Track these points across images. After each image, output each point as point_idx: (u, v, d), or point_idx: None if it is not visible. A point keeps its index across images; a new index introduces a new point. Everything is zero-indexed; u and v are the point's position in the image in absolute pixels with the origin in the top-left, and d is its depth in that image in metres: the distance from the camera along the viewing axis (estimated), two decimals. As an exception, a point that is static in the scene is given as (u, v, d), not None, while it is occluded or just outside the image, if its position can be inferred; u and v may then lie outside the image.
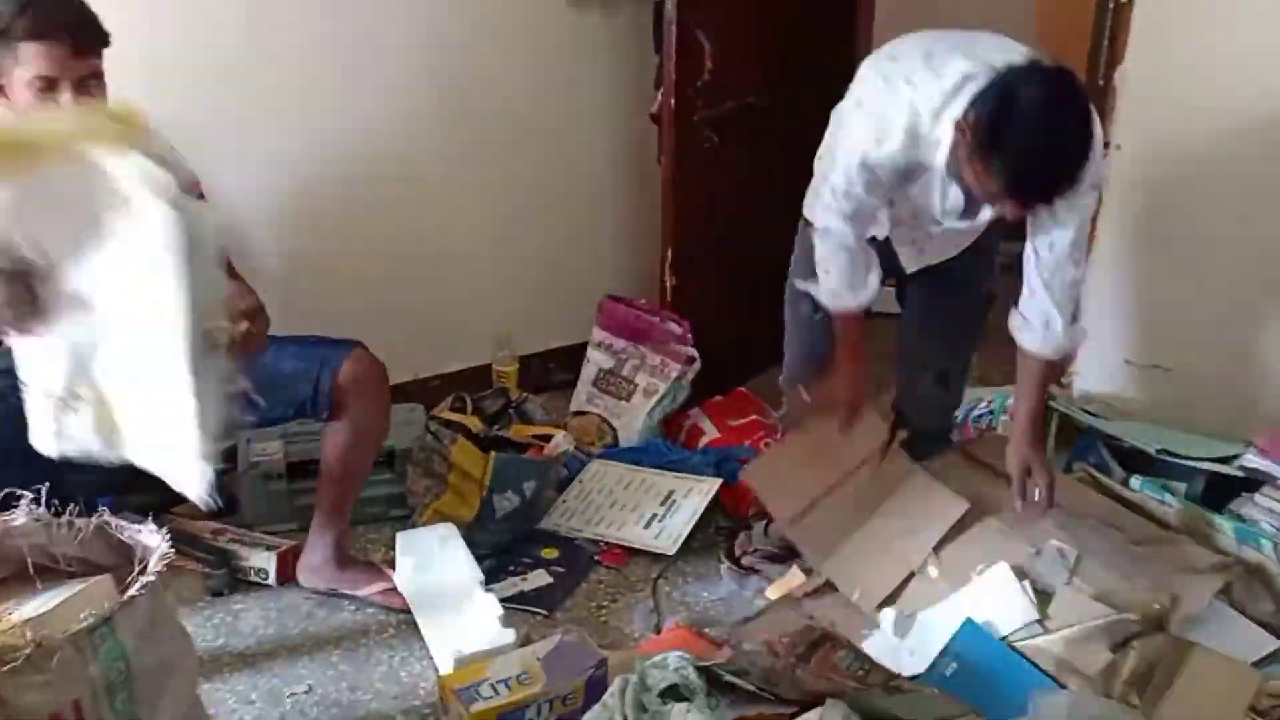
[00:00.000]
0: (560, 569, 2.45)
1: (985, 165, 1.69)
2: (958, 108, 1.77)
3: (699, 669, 1.76)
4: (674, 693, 1.72)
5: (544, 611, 2.33)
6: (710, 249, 3.05)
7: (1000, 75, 1.70)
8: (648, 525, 2.55)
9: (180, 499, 2.14)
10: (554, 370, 3.24)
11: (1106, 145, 2.81)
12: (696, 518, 2.53)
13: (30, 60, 1.72)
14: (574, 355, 3.17)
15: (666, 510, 2.58)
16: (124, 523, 1.67)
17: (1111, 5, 2.87)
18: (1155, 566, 2.07)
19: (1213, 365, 2.72)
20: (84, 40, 1.76)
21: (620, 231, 3.28)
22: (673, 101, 2.87)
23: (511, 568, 2.43)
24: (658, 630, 2.28)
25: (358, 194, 2.83)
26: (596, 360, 3.04)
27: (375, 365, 2.16)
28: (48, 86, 1.74)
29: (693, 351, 2.92)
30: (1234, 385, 2.67)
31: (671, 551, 2.47)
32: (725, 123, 2.95)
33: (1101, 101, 2.84)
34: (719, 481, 2.60)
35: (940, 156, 1.83)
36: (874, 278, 2.07)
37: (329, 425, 2.15)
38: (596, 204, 3.23)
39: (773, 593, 2.34)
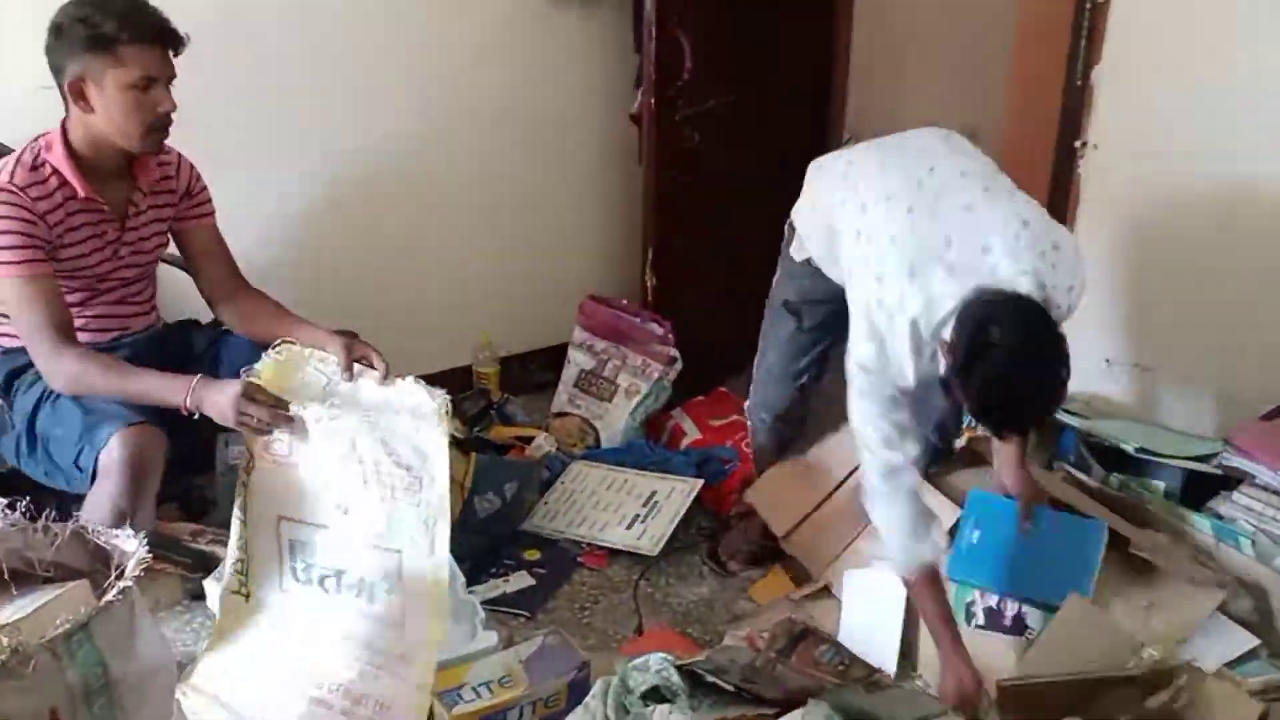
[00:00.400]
0: (542, 570, 2.45)
1: (963, 393, 1.74)
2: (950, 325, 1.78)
3: (680, 670, 1.76)
4: (656, 694, 1.72)
5: (526, 613, 2.33)
6: (691, 249, 3.05)
7: (973, 307, 1.72)
8: (630, 526, 2.55)
9: (158, 501, 2.16)
10: (535, 371, 3.23)
11: (1083, 145, 2.83)
12: (678, 519, 2.53)
13: (134, 62, 1.86)
14: (555, 356, 3.16)
15: (649, 511, 2.58)
16: (100, 528, 1.66)
17: (1089, 5, 2.88)
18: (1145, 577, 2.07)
19: (1191, 364, 2.73)
20: (177, 43, 1.92)
21: (601, 232, 3.28)
22: (653, 101, 2.88)
23: (493, 569, 2.42)
24: (640, 631, 2.28)
25: (335, 196, 2.82)
26: (578, 361, 3.04)
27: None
28: (147, 86, 1.88)
29: (674, 352, 2.92)
30: (1212, 384, 2.68)
31: (654, 553, 2.48)
32: (706, 122, 2.95)
33: (1080, 101, 2.86)
34: (700, 482, 2.61)
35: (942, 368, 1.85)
36: (937, 525, 1.96)
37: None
38: (577, 205, 3.23)
39: (760, 596, 2.35)
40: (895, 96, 4.73)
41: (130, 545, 1.60)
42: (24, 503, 1.63)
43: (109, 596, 1.48)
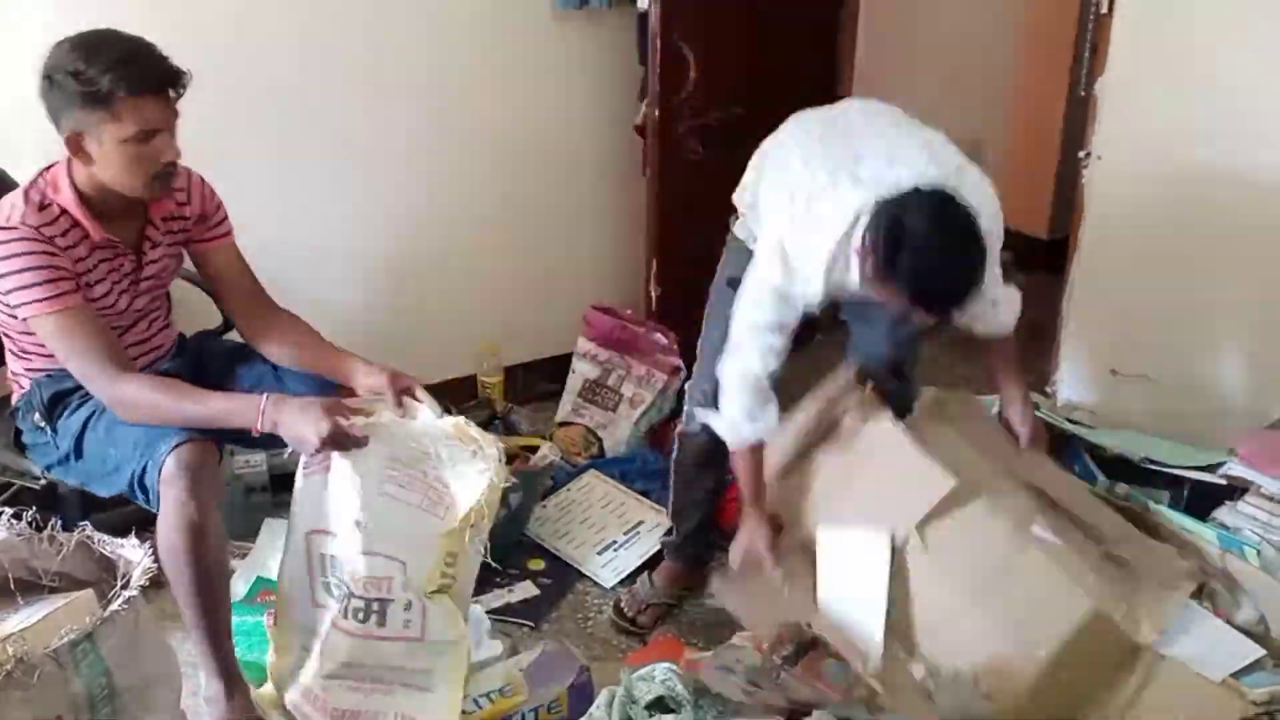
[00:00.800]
0: (547, 580, 2.46)
1: (889, 287, 1.79)
2: (857, 235, 1.85)
3: (685, 680, 1.76)
4: (660, 704, 1.72)
5: (530, 623, 2.33)
6: (695, 259, 3.05)
7: (885, 205, 1.79)
8: (602, 552, 2.55)
9: (152, 517, 2.15)
10: (539, 381, 3.24)
11: (1087, 155, 2.83)
12: (644, 560, 2.51)
13: (132, 116, 1.75)
14: (559, 366, 3.17)
15: (627, 539, 2.58)
16: (106, 537, 1.66)
17: (1092, 17, 2.89)
18: (1123, 572, 2.07)
19: (1197, 374, 2.73)
20: (178, 88, 1.81)
21: (606, 242, 3.28)
22: (657, 113, 2.88)
23: (498, 579, 2.42)
24: (644, 641, 2.28)
25: (340, 209, 2.83)
26: (582, 371, 3.04)
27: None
28: (146, 138, 1.78)
29: (678, 361, 2.92)
30: (1218, 394, 2.68)
31: (609, 585, 2.47)
32: (710, 134, 2.95)
33: (1084, 112, 2.87)
34: None
35: (854, 280, 1.89)
36: (773, 409, 2.03)
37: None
38: (582, 215, 3.23)
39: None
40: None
41: (135, 555, 1.61)
42: (30, 513, 1.64)
43: (114, 606, 1.49)
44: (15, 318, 1.87)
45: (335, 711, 1.89)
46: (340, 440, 1.79)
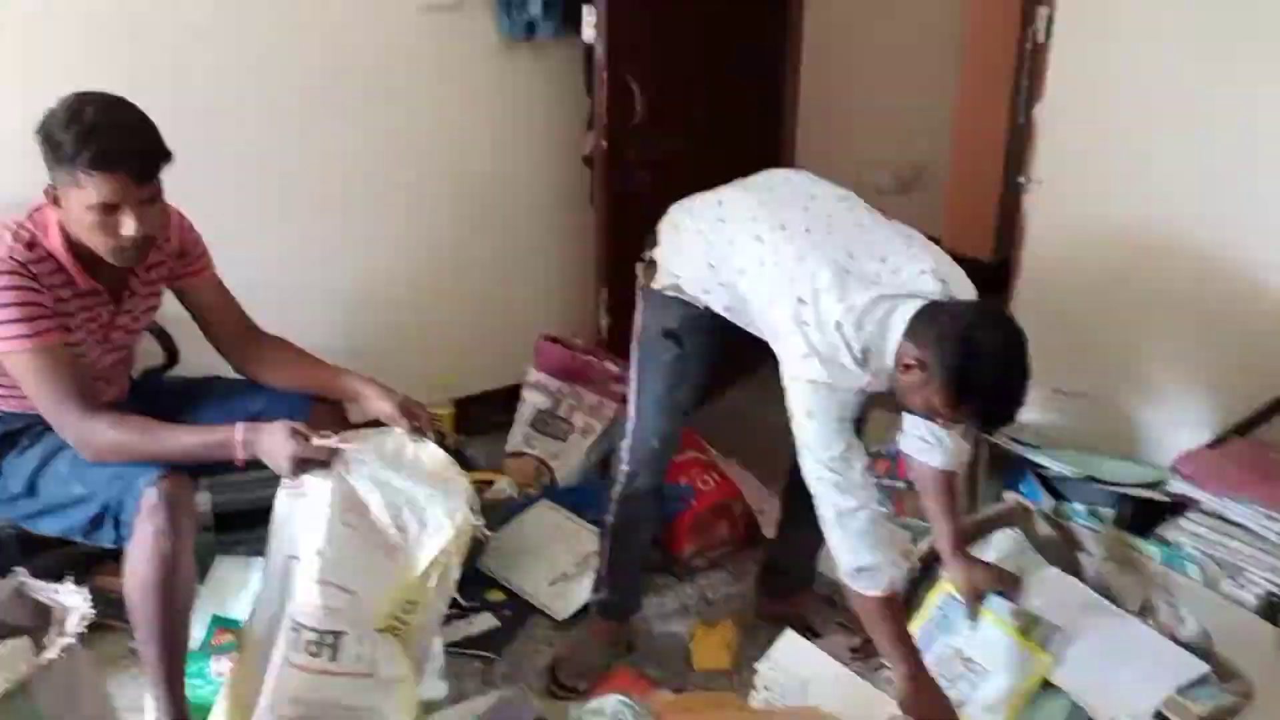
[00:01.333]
0: (507, 611, 2.45)
1: (953, 405, 1.80)
2: (894, 333, 1.84)
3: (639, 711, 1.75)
4: (613, 737, 1.71)
5: (491, 655, 2.31)
6: (645, 288, 3.06)
7: (953, 322, 1.79)
8: (553, 583, 2.54)
9: (100, 557, 2.12)
10: (490, 412, 3.22)
11: (1027, 180, 2.88)
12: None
13: (93, 188, 1.73)
14: (510, 397, 3.15)
15: (578, 571, 2.56)
16: (41, 584, 1.63)
17: (1030, 45, 2.94)
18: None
19: (1138, 393, 2.77)
20: (148, 167, 1.78)
21: (555, 273, 3.29)
22: (604, 143, 2.90)
23: (457, 611, 2.39)
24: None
25: (284, 243, 2.81)
26: (533, 401, 3.03)
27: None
28: (109, 212, 1.76)
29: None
30: (1159, 412, 2.72)
31: (560, 618, 2.46)
32: (658, 163, 2.97)
33: (1024, 138, 2.92)
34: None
35: (876, 384, 1.90)
36: (902, 537, 2.06)
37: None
38: (531, 246, 3.23)
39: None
40: (843, 140, 4.80)
41: (74, 600, 1.58)
42: (-37, 560, 1.60)
43: (49, 654, 1.46)
44: None
45: None
46: (307, 460, 1.80)
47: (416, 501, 1.86)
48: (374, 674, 1.83)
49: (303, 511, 1.86)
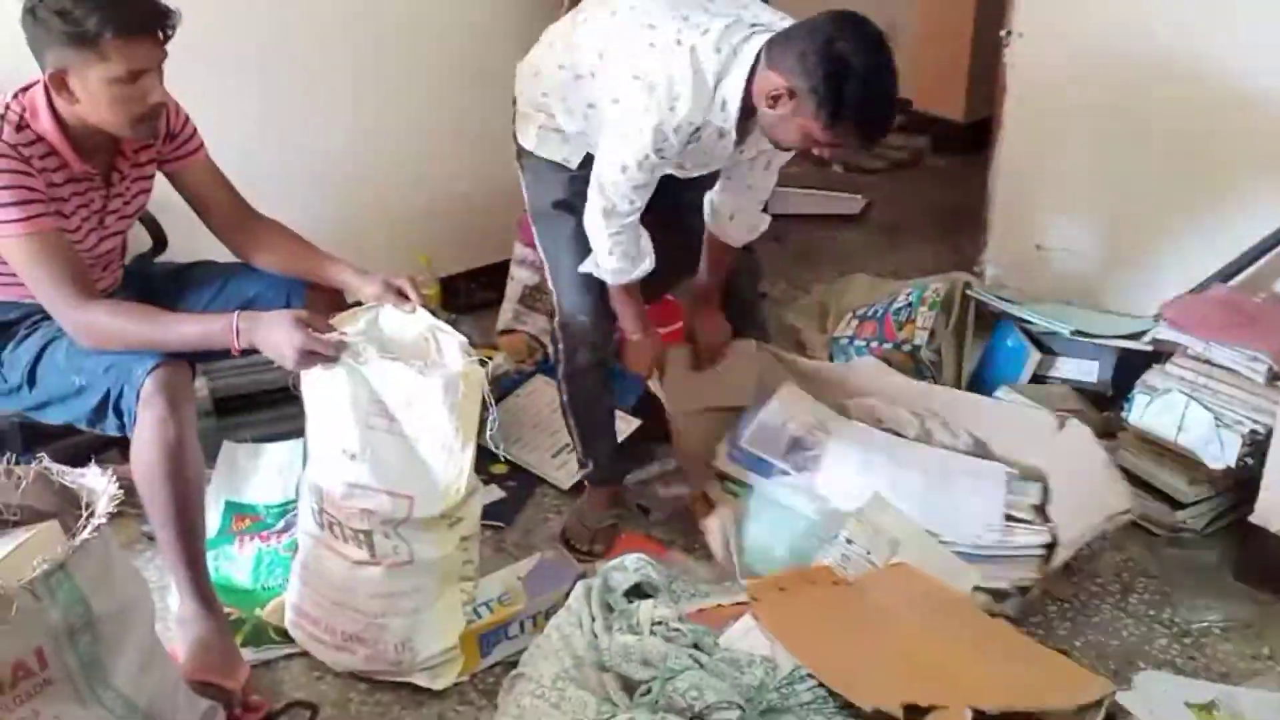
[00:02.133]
0: (511, 483, 2.49)
1: (829, 125, 1.77)
2: (741, 68, 1.83)
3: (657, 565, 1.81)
4: (638, 591, 1.76)
5: (501, 524, 2.36)
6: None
7: (814, 36, 1.76)
8: (556, 454, 2.57)
9: (105, 445, 2.12)
10: (476, 291, 3.21)
11: (1008, 33, 2.87)
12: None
13: (119, 56, 1.71)
14: (496, 274, 3.14)
15: None
16: (65, 468, 1.63)
17: (1008, -106, 2.89)
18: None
19: (1119, 246, 2.82)
20: (167, 28, 1.76)
21: (534, 146, 3.23)
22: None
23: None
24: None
25: (267, 118, 2.74)
26: (521, 277, 3.02)
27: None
28: (134, 78, 1.74)
29: (617, 264, 2.91)
30: (1141, 264, 2.78)
31: (565, 486, 2.49)
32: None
33: (1003, -9, 2.89)
34: (638, 423, 2.59)
35: (728, 118, 1.88)
36: (647, 243, 2.07)
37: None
38: (509, 120, 3.17)
39: None
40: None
41: (99, 483, 1.58)
42: (-14, 448, 1.60)
43: (84, 535, 1.47)
44: None
45: (345, 633, 1.90)
46: (313, 352, 1.78)
47: (425, 374, 1.82)
48: (413, 559, 1.86)
49: (311, 413, 1.87)
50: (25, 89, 1.82)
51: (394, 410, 1.80)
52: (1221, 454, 2.21)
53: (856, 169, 4.30)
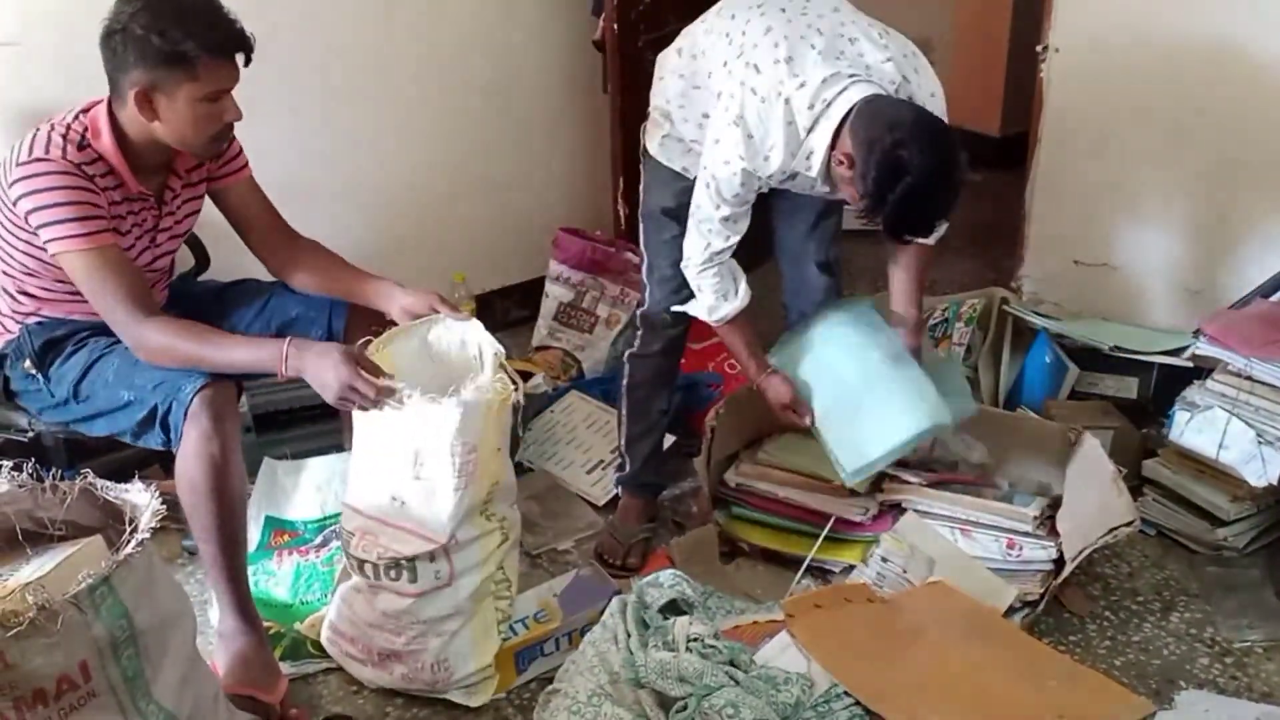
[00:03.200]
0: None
1: (867, 210, 1.82)
2: (829, 122, 1.85)
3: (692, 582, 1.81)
4: (673, 608, 1.76)
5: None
6: (661, 175, 3.04)
7: (879, 122, 1.77)
8: (590, 471, 2.58)
9: (146, 461, 2.15)
10: (511, 308, 3.23)
11: (1045, 49, 2.86)
12: None
13: (208, 76, 1.79)
14: (529, 291, 3.17)
15: (614, 459, 2.58)
16: (109, 483, 1.65)
17: (1042, -91, 2.88)
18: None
19: (1158, 262, 2.80)
20: (249, 52, 1.85)
21: (570, 163, 3.26)
22: (615, 27, 2.85)
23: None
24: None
25: (300, 142, 2.78)
26: (555, 294, 3.04)
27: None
28: (217, 97, 1.82)
29: (652, 280, 2.93)
30: (1179, 280, 2.75)
31: (600, 503, 2.51)
32: (669, 46, 2.92)
33: (1039, 6, 2.88)
34: (671, 439, 2.57)
35: (812, 167, 1.90)
36: (743, 282, 2.09)
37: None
38: (545, 137, 3.20)
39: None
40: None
41: (142, 498, 1.60)
42: (30, 464, 1.62)
43: (129, 549, 1.49)
44: (31, 255, 1.86)
45: (381, 651, 1.91)
46: (356, 391, 1.77)
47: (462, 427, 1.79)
48: (452, 580, 1.86)
49: (372, 443, 1.87)
50: (86, 109, 1.87)
51: (435, 453, 1.79)
52: (1263, 471, 2.17)
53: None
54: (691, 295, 2.15)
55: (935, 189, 1.78)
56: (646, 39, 2.89)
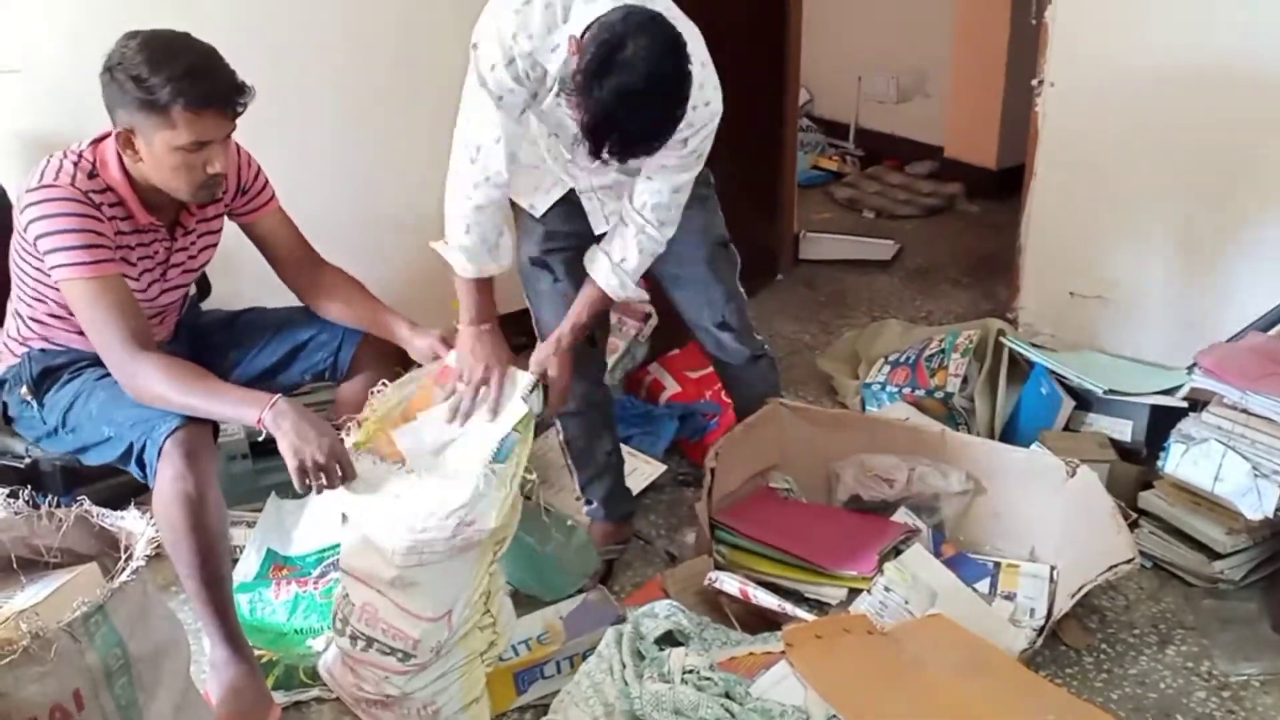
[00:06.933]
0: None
1: (580, 100, 1.67)
2: (580, 18, 1.72)
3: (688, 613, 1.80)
4: (669, 638, 1.76)
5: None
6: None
7: (617, 18, 1.66)
8: (578, 497, 2.55)
9: (142, 489, 2.15)
10: (509, 335, 3.21)
11: (1040, 83, 2.88)
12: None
13: (186, 126, 1.76)
14: (527, 320, 3.15)
15: None
16: (105, 511, 1.65)
17: (1037, -54, 2.92)
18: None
19: (1153, 295, 2.81)
20: (238, 104, 1.80)
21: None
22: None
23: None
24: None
25: (298, 172, 2.78)
26: (552, 322, 3.04)
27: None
28: (197, 150, 1.79)
29: (649, 308, 2.94)
30: (1175, 313, 2.76)
31: (588, 526, 2.47)
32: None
33: (1035, 41, 2.91)
34: (663, 468, 2.63)
35: (554, 62, 1.77)
36: (508, 242, 2.01)
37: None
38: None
39: None
40: (847, 44, 4.76)
41: (138, 526, 1.60)
42: (26, 491, 1.62)
43: (123, 577, 1.48)
44: (41, 281, 1.87)
45: (369, 700, 1.88)
46: (332, 466, 1.76)
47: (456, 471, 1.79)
48: (450, 652, 1.84)
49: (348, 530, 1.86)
50: (98, 140, 1.87)
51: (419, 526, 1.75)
52: (1259, 504, 2.17)
53: (889, 215, 4.32)
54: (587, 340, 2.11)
55: (647, 96, 1.63)
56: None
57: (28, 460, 2.06)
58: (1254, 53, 2.50)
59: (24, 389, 1.95)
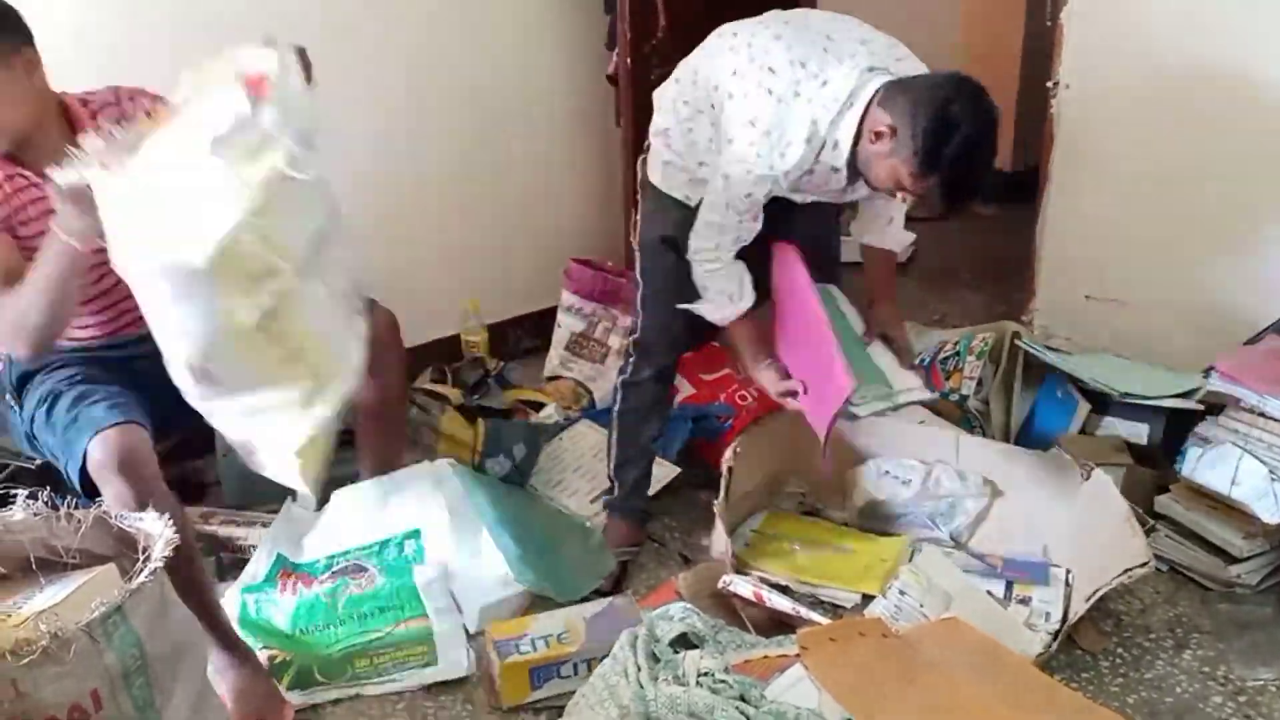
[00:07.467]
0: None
1: (919, 175, 1.83)
2: (856, 108, 1.89)
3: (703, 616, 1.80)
4: (683, 641, 1.76)
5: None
6: (673, 207, 3.06)
7: (930, 92, 1.82)
8: (595, 499, 2.58)
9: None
10: (522, 337, 3.24)
11: (1055, 85, 2.87)
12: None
13: None
14: (541, 321, 3.18)
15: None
16: (123, 512, 1.66)
17: (1051, -53, 2.91)
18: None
19: (1170, 297, 2.79)
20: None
21: (582, 194, 3.29)
22: (628, 61, 2.88)
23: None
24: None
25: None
26: (567, 324, 3.05)
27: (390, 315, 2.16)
28: None
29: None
30: (1192, 316, 2.74)
31: (602, 530, 2.49)
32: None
33: (1050, 42, 2.90)
34: (677, 470, 2.62)
35: (839, 156, 1.93)
36: (749, 281, 2.11)
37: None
38: (557, 168, 3.23)
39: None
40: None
41: (156, 527, 1.61)
42: (45, 492, 1.63)
43: (141, 578, 1.49)
44: None
45: None
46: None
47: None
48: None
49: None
50: None
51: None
52: (1276, 508, 2.16)
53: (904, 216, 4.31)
54: (687, 326, 2.18)
55: (986, 138, 1.82)
56: (659, 73, 2.89)
57: (39, 461, 2.05)
58: (1273, 55, 2.48)
59: (7, 395, 1.95)
